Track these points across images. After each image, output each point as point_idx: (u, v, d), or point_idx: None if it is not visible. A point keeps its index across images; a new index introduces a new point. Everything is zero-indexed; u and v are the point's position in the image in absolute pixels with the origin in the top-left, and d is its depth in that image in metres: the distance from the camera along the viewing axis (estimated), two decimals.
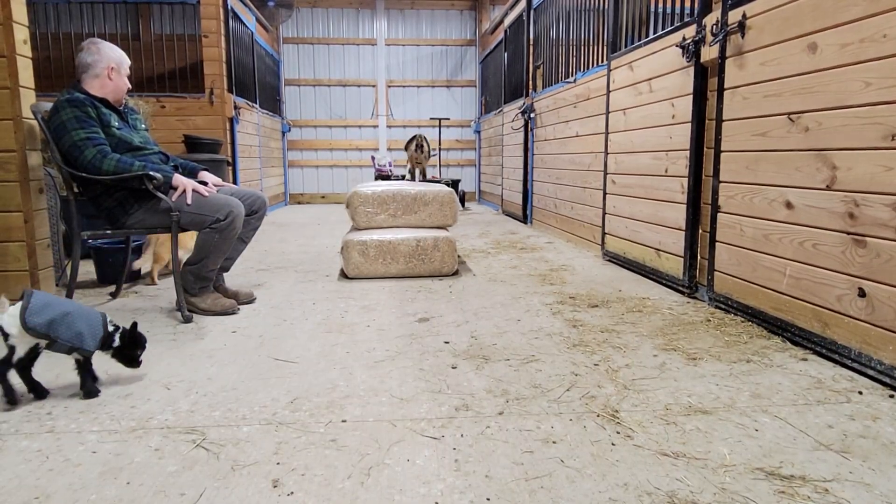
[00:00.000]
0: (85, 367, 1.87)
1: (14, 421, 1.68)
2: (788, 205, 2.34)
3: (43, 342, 1.77)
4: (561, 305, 2.93)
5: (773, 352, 2.21)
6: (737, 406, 1.75)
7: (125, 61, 2.82)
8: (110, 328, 1.90)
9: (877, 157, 1.93)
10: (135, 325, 1.95)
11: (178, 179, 2.72)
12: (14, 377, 1.79)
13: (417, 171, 4.49)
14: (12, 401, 1.78)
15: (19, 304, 1.76)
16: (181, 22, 6.89)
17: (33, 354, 1.80)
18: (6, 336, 1.75)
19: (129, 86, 2.86)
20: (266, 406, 1.77)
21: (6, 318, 1.74)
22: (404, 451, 1.50)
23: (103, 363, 1.95)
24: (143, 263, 3.47)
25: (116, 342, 1.89)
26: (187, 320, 2.68)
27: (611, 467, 1.41)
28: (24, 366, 1.80)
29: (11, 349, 1.76)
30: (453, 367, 2.08)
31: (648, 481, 1.35)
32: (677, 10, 3.30)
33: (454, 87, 10.19)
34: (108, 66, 2.73)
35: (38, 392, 1.84)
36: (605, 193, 4.23)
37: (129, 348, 1.91)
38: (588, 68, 4.80)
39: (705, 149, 3.02)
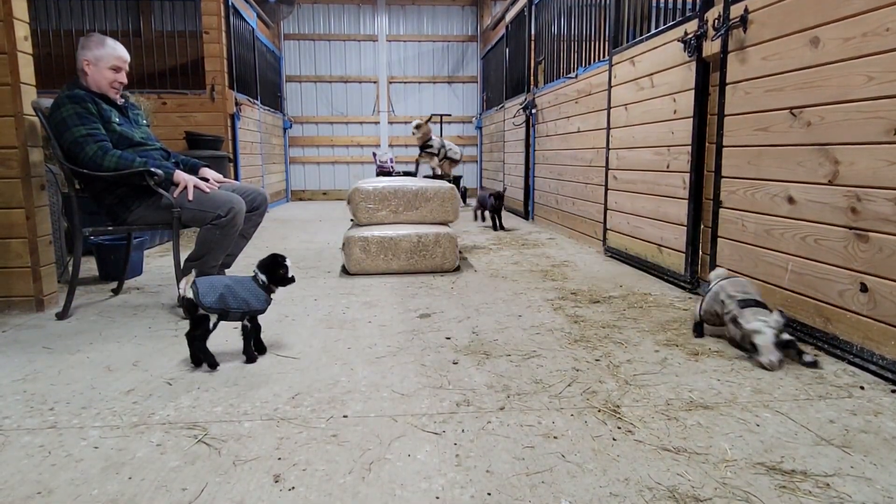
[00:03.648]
0: (250, 334, 2.12)
1: (17, 416, 1.68)
2: (790, 200, 2.34)
3: (215, 316, 2.02)
4: (562, 301, 2.93)
5: None
6: (738, 401, 1.75)
7: (108, 56, 2.71)
8: (259, 279, 2.12)
9: (879, 152, 1.92)
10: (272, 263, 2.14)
11: (179, 176, 2.72)
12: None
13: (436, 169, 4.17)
14: (213, 363, 2.04)
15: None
16: (182, 18, 6.88)
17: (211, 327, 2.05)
18: (198, 306, 1.98)
19: (114, 80, 2.75)
20: (268, 402, 1.77)
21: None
22: (405, 446, 1.50)
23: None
24: None
25: (263, 279, 2.12)
26: None
27: (612, 462, 1.41)
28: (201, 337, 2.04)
29: (206, 319, 2.01)
30: (454, 363, 2.08)
31: (649, 476, 1.35)
32: (679, 5, 3.29)
33: (455, 84, 10.17)
34: (83, 59, 2.69)
35: (199, 361, 2.07)
36: (606, 189, 4.22)
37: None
38: (589, 64, 4.79)
39: (707, 144, 3.01)
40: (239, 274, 2.25)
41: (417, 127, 4.24)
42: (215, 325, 2.04)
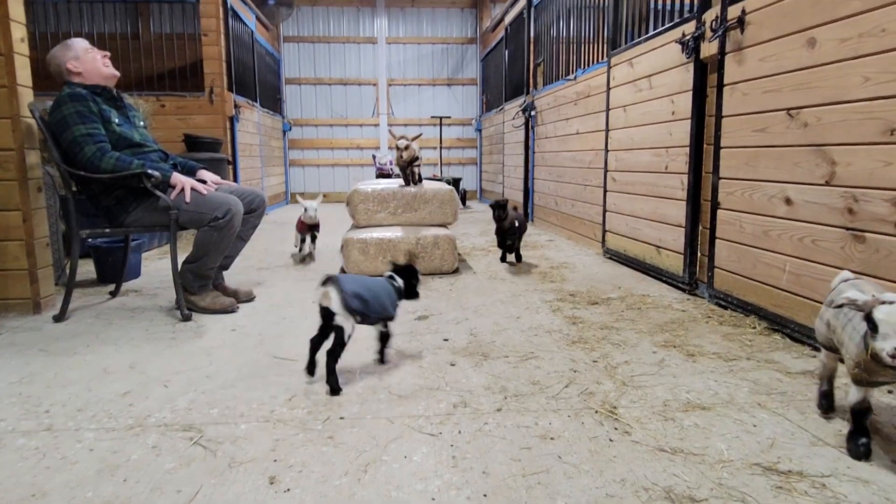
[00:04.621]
0: (386, 338, 2.09)
1: (12, 419, 1.68)
2: (788, 201, 2.34)
3: (357, 318, 1.89)
4: (561, 303, 2.92)
5: (772, 348, 2.21)
6: (735, 402, 1.74)
7: (78, 47, 2.73)
8: (396, 283, 2.09)
9: (876, 153, 1.92)
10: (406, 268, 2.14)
11: (177, 177, 2.72)
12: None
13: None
14: (337, 388, 1.86)
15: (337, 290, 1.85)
16: (181, 21, 6.89)
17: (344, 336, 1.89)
18: (333, 315, 1.83)
19: (102, 53, 2.78)
20: (264, 403, 1.77)
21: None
22: (402, 447, 1.50)
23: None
24: None
25: (399, 284, 2.10)
26: (186, 319, 2.68)
27: (608, 463, 1.41)
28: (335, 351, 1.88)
29: (340, 330, 1.84)
30: (452, 365, 2.08)
31: (646, 477, 1.35)
32: (677, 7, 3.29)
33: (455, 86, 10.17)
34: (67, 66, 2.70)
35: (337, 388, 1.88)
36: (605, 191, 4.22)
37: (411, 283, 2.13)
38: (588, 65, 4.79)
39: (705, 145, 3.01)
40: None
41: (406, 148, 3.79)
42: (349, 336, 1.87)
